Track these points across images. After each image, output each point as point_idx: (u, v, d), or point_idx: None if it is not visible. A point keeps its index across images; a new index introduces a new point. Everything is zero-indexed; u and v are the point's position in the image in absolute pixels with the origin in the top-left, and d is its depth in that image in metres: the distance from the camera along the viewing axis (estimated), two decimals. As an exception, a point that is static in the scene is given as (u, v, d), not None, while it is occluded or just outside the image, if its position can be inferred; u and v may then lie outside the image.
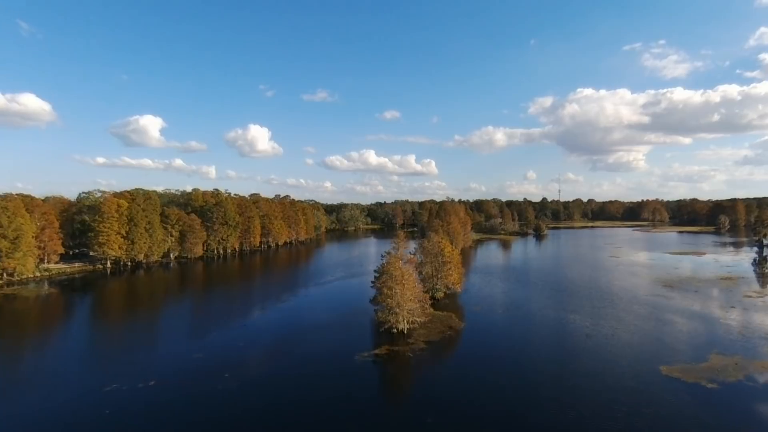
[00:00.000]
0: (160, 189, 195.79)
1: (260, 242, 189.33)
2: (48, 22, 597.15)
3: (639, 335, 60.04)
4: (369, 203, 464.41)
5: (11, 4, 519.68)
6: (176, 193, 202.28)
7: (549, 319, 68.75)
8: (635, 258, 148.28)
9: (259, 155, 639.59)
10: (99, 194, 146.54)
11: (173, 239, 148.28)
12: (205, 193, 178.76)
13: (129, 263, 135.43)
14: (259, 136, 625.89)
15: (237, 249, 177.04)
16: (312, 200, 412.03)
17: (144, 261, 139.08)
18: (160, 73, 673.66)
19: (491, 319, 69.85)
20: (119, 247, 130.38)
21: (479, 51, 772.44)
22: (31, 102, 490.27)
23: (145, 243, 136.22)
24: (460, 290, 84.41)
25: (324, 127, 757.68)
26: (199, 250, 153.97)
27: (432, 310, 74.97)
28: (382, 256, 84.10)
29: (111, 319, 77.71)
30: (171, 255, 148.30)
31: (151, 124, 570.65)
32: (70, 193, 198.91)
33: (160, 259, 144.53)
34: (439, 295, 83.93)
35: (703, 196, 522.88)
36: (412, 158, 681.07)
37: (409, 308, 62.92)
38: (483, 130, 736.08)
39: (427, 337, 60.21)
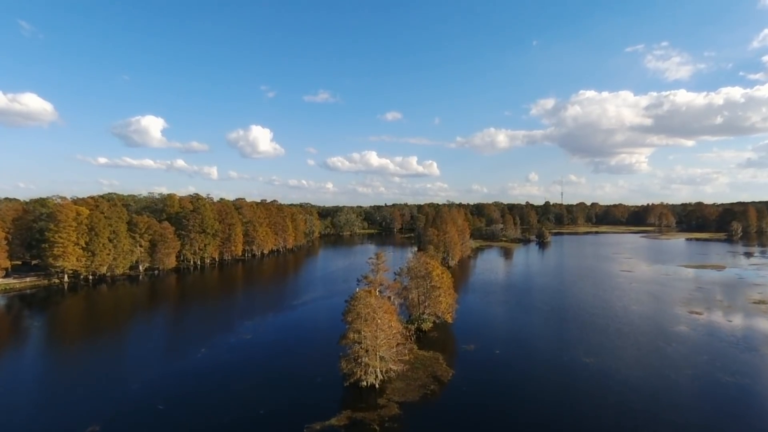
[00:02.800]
0: (163, 190, 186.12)
1: (243, 251, 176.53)
2: (49, 22, 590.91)
3: (681, 398, 46.55)
4: (371, 204, 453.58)
5: (12, 4, 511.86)
6: (158, 197, 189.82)
7: (558, 367, 55.38)
8: (649, 272, 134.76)
9: (261, 156, 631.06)
10: (59, 200, 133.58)
11: (142, 249, 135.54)
12: (182, 198, 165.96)
13: (90, 276, 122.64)
14: (261, 136, 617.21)
15: (217, 259, 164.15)
16: (307, 203, 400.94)
17: (108, 274, 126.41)
18: (161, 73, 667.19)
19: (486, 365, 56.49)
20: (77, 260, 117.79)
21: (481, 52, 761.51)
22: (32, 102, 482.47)
23: (108, 254, 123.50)
24: (451, 320, 71.09)
25: (325, 128, 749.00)
26: (172, 261, 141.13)
27: (416, 347, 62.16)
28: (357, 280, 71.34)
29: (25, 353, 64.77)
30: (140, 267, 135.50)
31: (153, 125, 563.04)
32: (71, 193, 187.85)
33: (127, 271, 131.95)
34: (427, 326, 70.85)
35: (706, 199, 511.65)
36: (413, 159, 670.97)
37: (382, 355, 49.94)
38: (485, 131, 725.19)
39: (403, 395, 47.05)
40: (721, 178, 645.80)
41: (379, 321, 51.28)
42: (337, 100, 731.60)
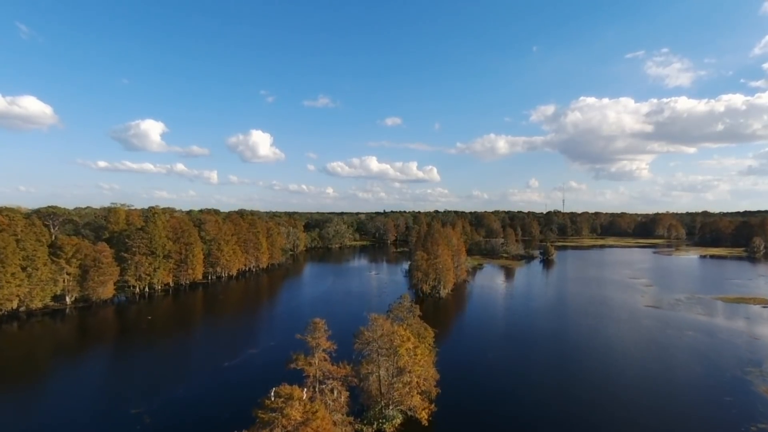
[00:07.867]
0: (164, 195, 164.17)
1: (205, 273, 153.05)
2: (48, 25, 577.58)
3: None
4: (371, 210, 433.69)
5: (11, 7, 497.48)
6: (116, 208, 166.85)
7: None
8: (680, 307, 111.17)
9: (261, 160, 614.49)
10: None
11: (70, 277, 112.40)
12: (131, 212, 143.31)
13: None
14: (261, 141, 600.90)
15: (171, 284, 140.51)
16: (295, 212, 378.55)
17: (21, 309, 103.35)
18: (161, 78, 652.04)
19: None
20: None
21: (481, 58, 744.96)
22: (32, 105, 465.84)
23: (18, 285, 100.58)
24: (426, 422, 47.52)
25: (325, 133, 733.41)
26: (108, 290, 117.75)
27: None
28: (288, 362, 48.21)
29: None
30: (67, 298, 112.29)
31: (152, 129, 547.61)
32: (72, 197, 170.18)
33: (51, 303, 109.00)
34: (391, 427, 47.69)
35: (708, 207, 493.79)
36: (413, 165, 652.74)
37: None
38: (485, 137, 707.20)
39: None
40: (722, 185, 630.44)
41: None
42: (337, 105, 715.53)
